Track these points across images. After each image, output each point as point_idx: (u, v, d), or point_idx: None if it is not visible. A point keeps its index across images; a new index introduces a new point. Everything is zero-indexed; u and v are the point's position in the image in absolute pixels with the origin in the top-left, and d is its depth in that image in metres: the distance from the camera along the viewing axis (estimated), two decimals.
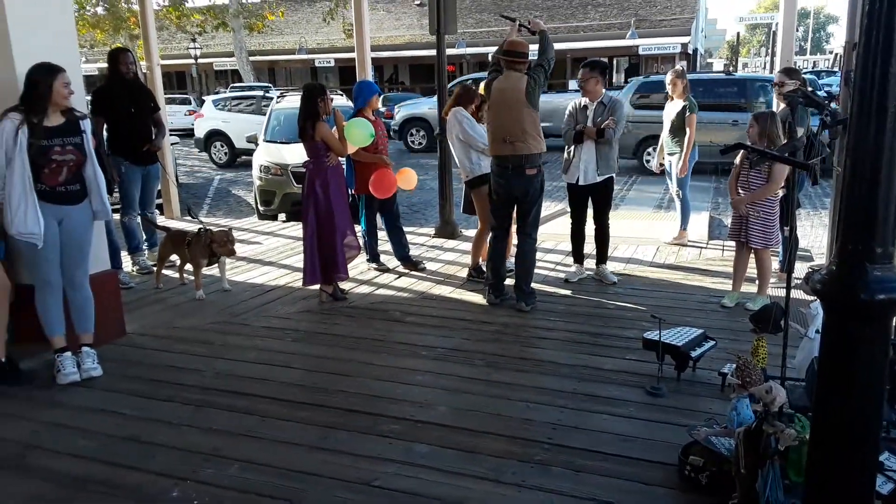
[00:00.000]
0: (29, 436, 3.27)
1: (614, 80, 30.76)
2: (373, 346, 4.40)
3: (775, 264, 5.69)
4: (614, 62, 31.21)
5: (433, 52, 7.32)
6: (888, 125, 1.60)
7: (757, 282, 4.98)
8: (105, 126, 5.80)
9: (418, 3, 32.22)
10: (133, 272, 6.06)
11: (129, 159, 5.80)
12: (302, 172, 5.40)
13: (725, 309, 4.92)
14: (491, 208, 5.16)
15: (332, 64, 31.95)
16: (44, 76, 3.60)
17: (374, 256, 6.18)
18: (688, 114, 6.45)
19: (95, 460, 3.04)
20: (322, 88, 5.18)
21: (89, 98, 5.71)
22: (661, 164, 6.90)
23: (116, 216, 5.46)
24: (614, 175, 5.52)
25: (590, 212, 5.63)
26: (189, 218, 6.71)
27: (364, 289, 5.62)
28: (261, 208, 9.43)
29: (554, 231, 7.25)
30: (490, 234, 5.20)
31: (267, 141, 10.09)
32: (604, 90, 5.51)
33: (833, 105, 4.33)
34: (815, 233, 8.23)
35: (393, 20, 33.54)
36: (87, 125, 3.83)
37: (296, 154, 7.77)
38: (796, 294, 3.29)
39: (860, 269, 1.63)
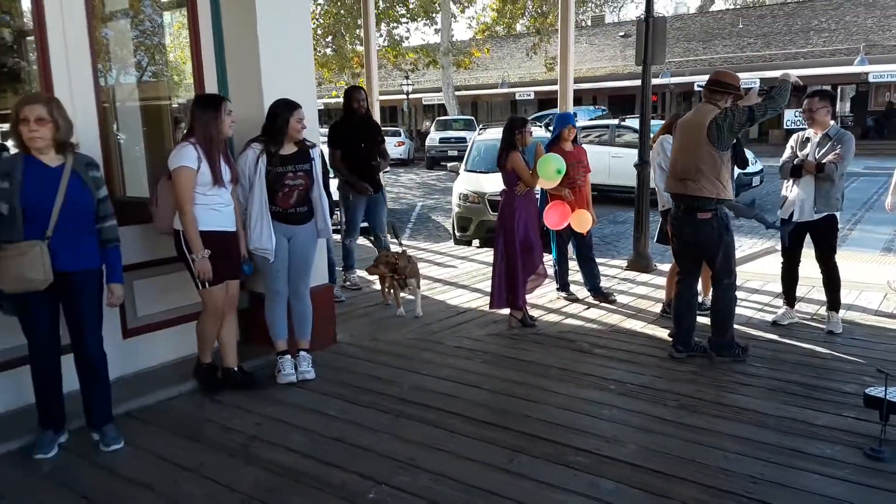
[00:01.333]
0: (253, 428, 3.69)
1: (838, 110, 28.05)
2: (559, 374, 4.40)
3: None
4: (838, 90, 28.46)
5: (634, 83, 7.25)
6: None
7: None
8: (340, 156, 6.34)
9: (623, 34, 31.87)
10: (346, 285, 6.61)
11: (355, 189, 6.32)
12: (498, 201, 5.59)
13: None
14: (672, 251, 4.94)
15: (532, 97, 32.51)
16: (282, 111, 4.08)
17: (563, 285, 6.19)
18: None
19: (307, 456, 3.36)
20: (523, 121, 5.32)
21: (326, 130, 6.31)
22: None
23: (337, 237, 6.00)
24: (837, 214, 5.02)
25: (808, 252, 5.17)
26: (394, 240, 7.19)
27: (553, 317, 5.65)
28: (457, 234, 9.85)
29: (761, 270, 6.77)
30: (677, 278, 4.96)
31: (467, 170, 10.54)
32: (832, 121, 5.08)
33: None
34: None
35: (595, 52, 33.48)
36: (316, 153, 4.29)
37: (493, 183, 8.03)
38: None
39: None
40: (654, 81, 19.68)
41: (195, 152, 3.76)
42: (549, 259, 6.05)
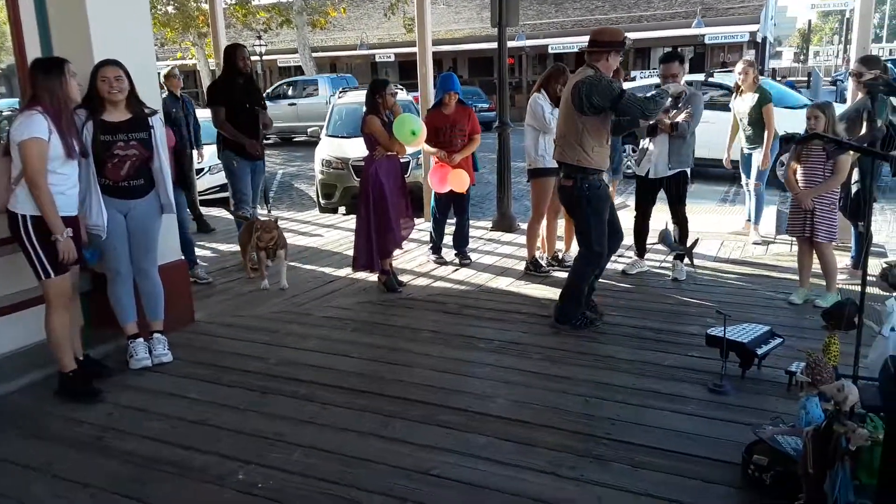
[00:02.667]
0: (104, 418, 3.43)
1: None
2: (430, 337, 4.44)
3: (847, 260, 5.48)
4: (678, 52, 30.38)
5: (493, 45, 7.29)
6: None
7: (824, 278, 4.81)
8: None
9: None
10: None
11: (240, 154, 5.94)
12: (363, 166, 5.49)
13: (793, 306, 4.76)
14: None
15: (393, 59, 32.17)
16: (93, 71, 3.72)
17: (436, 248, 6.22)
18: (764, 105, 6.21)
19: (166, 442, 3.17)
20: (382, 84, 5.23)
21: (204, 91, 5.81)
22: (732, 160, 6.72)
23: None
24: (688, 170, 5.34)
25: (660, 206, 5.49)
26: (262, 209, 6.86)
27: (422, 281, 5.67)
28: (322, 201, 9.62)
29: None
30: None
31: (329, 135, 10.27)
32: (683, 82, 5.35)
33: None
34: (889, 228, 7.86)
35: (452, 14, 33.53)
36: (156, 121, 3.95)
37: (357, 148, 7.88)
38: (869, 290, 3.16)
39: None
40: (511, 44, 20.00)
41: (45, 122, 3.35)
42: (420, 222, 6.03)
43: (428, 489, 2.76)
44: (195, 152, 7.44)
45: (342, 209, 9.37)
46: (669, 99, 4.41)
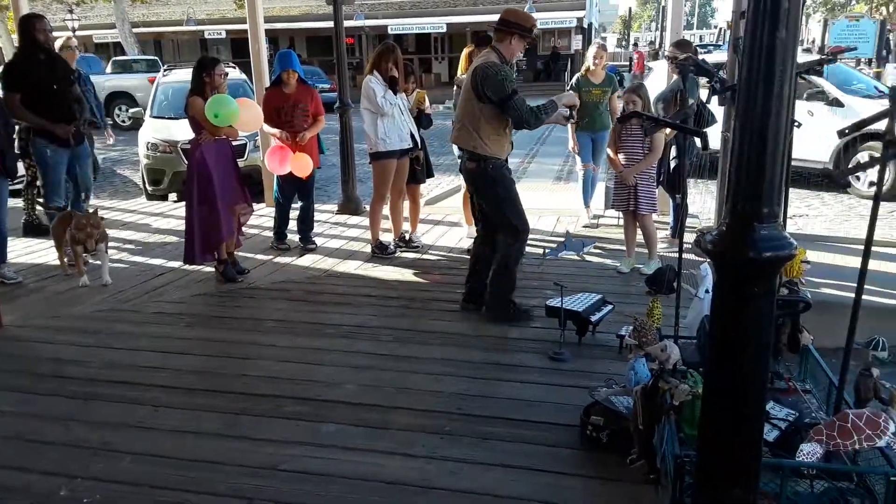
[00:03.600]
0: None
1: None
2: (275, 327, 4.27)
3: (667, 231, 5.94)
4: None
5: (330, 24, 7.08)
6: (775, 90, 1.64)
7: (646, 247, 5.18)
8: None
9: None
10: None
11: (55, 142, 5.28)
12: None
13: (622, 274, 5.09)
14: None
15: (224, 36, 30.52)
16: None
17: (279, 235, 5.98)
18: (612, 94, 6.28)
19: None
20: (211, 62, 4.90)
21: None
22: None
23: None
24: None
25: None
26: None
27: (265, 269, 5.44)
28: (149, 188, 8.91)
29: (450, 205, 7.30)
30: None
31: (154, 117, 9.52)
32: None
33: (721, 73, 4.52)
34: (702, 199, 8.65)
35: None
36: None
37: (186, 130, 7.35)
38: (686, 257, 3.43)
39: (749, 229, 1.68)
40: (350, 23, 19.65)
41: None
42: (260, 207, 5.75)
43: (277, 485, 2.64)
44: (106, 132, 7.16)
45: (173, 196, 8.74)
46: (566, 110, 4.33)
